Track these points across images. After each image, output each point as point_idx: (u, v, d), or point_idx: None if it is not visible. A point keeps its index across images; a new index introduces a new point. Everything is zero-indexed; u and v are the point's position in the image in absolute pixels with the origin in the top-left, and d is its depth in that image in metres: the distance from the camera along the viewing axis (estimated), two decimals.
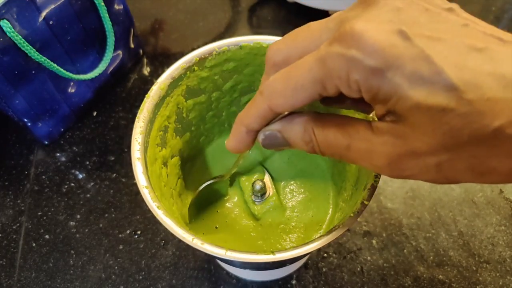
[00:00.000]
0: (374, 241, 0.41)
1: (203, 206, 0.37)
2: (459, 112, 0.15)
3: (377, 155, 0.18)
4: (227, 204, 0.38)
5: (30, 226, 0.43)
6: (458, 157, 0.17)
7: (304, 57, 0.19)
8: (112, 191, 0.45)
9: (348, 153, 0.19)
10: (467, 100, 0.15)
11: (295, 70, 0.19)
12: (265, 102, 0.20)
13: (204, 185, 0.36)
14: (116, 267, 0.40)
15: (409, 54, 0.16)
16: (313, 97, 0.19)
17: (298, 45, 0.20)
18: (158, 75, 0.32)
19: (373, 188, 0.27)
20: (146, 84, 0.53)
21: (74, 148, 0.48)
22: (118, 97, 0.52)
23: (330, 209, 0.37)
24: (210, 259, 0.41)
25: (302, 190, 0.38)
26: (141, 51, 0.55)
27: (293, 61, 0.20)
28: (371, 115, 0.27)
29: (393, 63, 0.16)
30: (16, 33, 0.37)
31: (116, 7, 0.47)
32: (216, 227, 0.37)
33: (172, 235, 0.25)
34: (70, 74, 0.43)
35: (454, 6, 0.18)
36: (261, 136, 0.22)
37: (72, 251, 0.41)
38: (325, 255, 0.40)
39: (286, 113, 0.21)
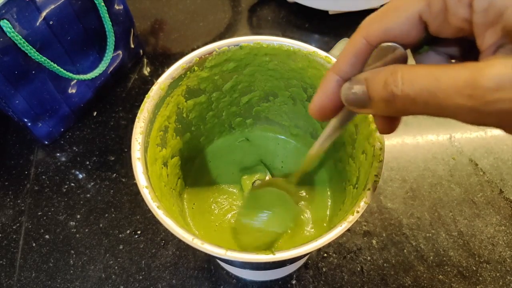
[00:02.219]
0: (374, 241, 0.41)
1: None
2: None
3: (484, 79, 0.14)
4: (227, 202, 0.38)
5: (30, 226, 0.43)
6: None
7: None
8: (112, 191, 0.45)
9: (439, 86, 0.15)
10: None
11: None
12: (360, 34, 0.18)
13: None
14: (116, 267, 0.40)
15: None
16: (412, 19, 0.17)
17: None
18: (158, 75, 0.32)
19: (373, 188, 0.27)
20: (146, 84, 0.53)
21: (74, 148, 0.48)
22: (118, 97, 0.52)
23: (330, 209, 0.37)
24: (210, 259, 0.41)
25: (303, 191, 0.38)
26: (141, 51, 0.55)
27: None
28: None
29: None
30: (16, 33, 0.37)
31: (116, 7, 0.47)
32: (216, 225, 0.37)
33: (172, 235, 0.25)
34: (70, 74, 0.43)
35: None
36: (345, 85, 0.20)
37: (72, 251, 0.41)
38: (325, 255, 0.40)
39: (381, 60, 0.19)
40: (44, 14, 0.39)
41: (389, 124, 0.21)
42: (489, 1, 0.15)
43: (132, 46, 0.53)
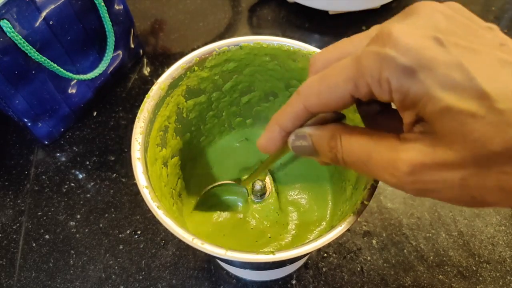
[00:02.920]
0: (374, 241, 0.41)
1: (209, 205, 0.38)
2: (490, 120, 0.15)
3: (400, 164, 0.17)
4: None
5: (30, 226, 0.43)
6: (486, 171, 0.16)
7: (342, 60, 0.19)
8: (112, 191, 0.45)
9: (369, 162, 0.19)
10: (498, 110, 0.15)
11: (332, 70, 0.19)
12: (300, 101, 0.21)
13: (212, 186, 0.37)
14: (116, 267, 0.40)
15: (442, 59, 0.16)
16: (345, 97, 0.19)
17: (338, 51, 0.21)
18: (158, 75, 0.32)
19: (373, 188, 0.27)
20: (146, 84, 0.53)
21: (74, 148, 0.48)
22: (118, 97, 0.52)
23: (330, 210, 0.37)
24: (210, 259, 0.41)
25: (302, 191, 0.38)
26: (141, 51, 0.55)
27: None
28: None
29: (425, 65, 0.16)
30: (16, 33, 0.37)
31: (116, 7, 0.47)
32: (216, 225, 0.37)
33: (172, 235, 0.25)
34: (70, 74, 0.43)
35: (494, 26, 0.18)
36: (291, 137, 0.22)
37: (72, 251, 0.41)
38: (325, 255, 0.40)
39: (320, 118, 0.22)
40: (44, 14, 0.39)
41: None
42: (404, 93, 0.17)
43: (132, 46, 0.53)
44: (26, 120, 0.44)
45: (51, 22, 0.40)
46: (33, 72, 0.41)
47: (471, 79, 0.15)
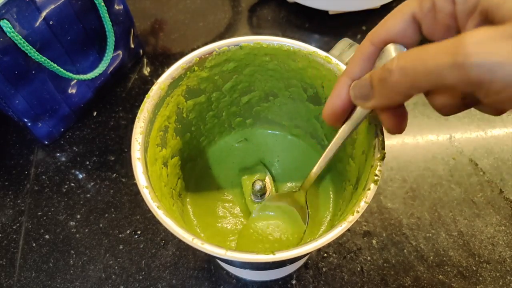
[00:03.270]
0: (374, 241, 0.41)
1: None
2: None
3: (467, 37, 0.16)
4: (226, 202, 0.38)
5: (30, 226, 0.43)
6: None
7: None
8: (112, 191, 0.45)
9: (428, 55, 0.17)
10: None
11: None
12: (367, 39, 0.21)
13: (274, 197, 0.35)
14: (116, 267, 0.40)
15: None
16: (407, 19, 0.19)
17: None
18: (158, 75, 0.32)
19: (373, 188, 0.27)
20: (146, 84, 0.53)
21: (74, 148, 0.48)
22: (118, 97, 0.52)
23: (330, 210, 0.37)
24: (210, 259, 0.41)
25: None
26: (141, 51, 0.55)
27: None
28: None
29: None
30: (16, 33, 0.37)
31: (116, 7, 0.47)
32: (216, 225, 0.37)
33: (172, 235, 0.25)
34: (70, 74, 0.43)
35: None
36: (354, 83, 0.22)
37: (72, 251, 0.41)
38: (325, 255, 0.40)
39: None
40: (44, 14, 0.39)
41: (397, 121, 0.23)
42: None
43: (132, 46, 0.53)
44: (26, 120, 0.44)
45: (51, 22, 0.40)
46: (33, 72, 0.41)
47: None
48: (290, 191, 0.37)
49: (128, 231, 0.42)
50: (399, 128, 0.23)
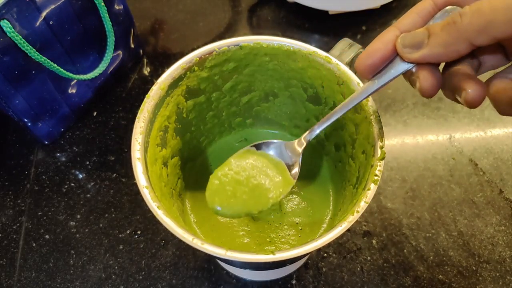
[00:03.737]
0: (374, 241, 0.41)
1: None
2: None
3: None
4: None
5: (30, 226, 0.43)
6: None
7: None
8: (112, 191, 0.45)
9: None
10: None
11: None
12: None
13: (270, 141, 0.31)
14: (116, 267, 0.40)
15: None
16: None
17: None
18: (158, 75, 0.32)
19: (373, 188, 0.27)
20: (146, 84, 0.53)
21: (74, 148, 0.48)
22: (118, 97, 0.52)
23: (330, 209, 0.37)
24: (210, 259, 0.41)
25: (303, 191, 0.38)
26: (141, 51, 0.55)
27: None
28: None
29: None
30: (16, 33, 0.37)
31: (116, 7, 0.47)
32: (216, 225, 0.37)
33: (172, 235, 0.25)
34: (70, 74, 0.43)
35: None
36: (404, 34, 0.21)
37: (72, 251, 0.41)
38: (325, 255, 0.40)
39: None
40: (44, 14, 0.39)
41: (434, 81, 0.22)
42: None
43: (132, 46, 0.53)
44: (26, 120, 0.44)
45: (51, 22, 0.40)
46: (33, 72, 0.41)
47: None
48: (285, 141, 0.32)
49: (128, 231, 0.42)
50: (434, 89, 0.22)
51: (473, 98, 0.21)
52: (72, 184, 0.45)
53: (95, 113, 0.51)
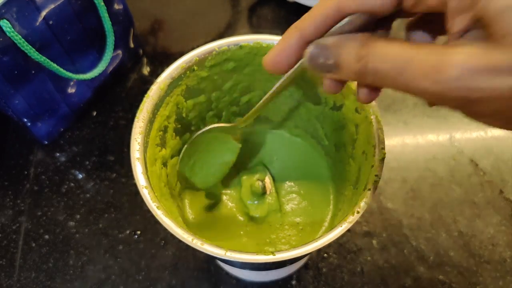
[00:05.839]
0: (374, 241, 0.41)
1: (200, 158, 0.36)
2: None
3: (449, 67, 0.15)
4: (226, 202, 0.38)
5: (29, 226, 0.43)
6: None
7: None
8: (111, 191, 0.44)
9: (407, 69, 0.16)
10: None
11: None
12: (333, 1, 0.18)
13: (211, 126, 0.33)
14: (116, 267, 0.40)
15: None
16: None
17: None
18: (158, 75, 0.32)
19: (373, 188, 0.26)
20: (146, 84, 0.53)
21: (74, 148, 0.48)
22: (118, 97, 0.52)
23: (331, 210, 0.37)
24: (210, 260, 0.40)
25: (303, 191, 0.38)
26: (141, 51, 0.55)
27: None
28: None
29: None
30: (15, 33, 0.36)
31: (116, 6, 0.47)
32: (216, 225, 0.37)
33: (172, 235, 0.25)
34: (70, 74, 0.43)
35: None
36: (310, 48, 0.19)
37: (72, 251, 0.41)
38: (325, 255, 0.40)
39: (339, 29, 0.19)
40: (44, 14, 0.39)
41: (369, 93, 0.21)
42: None
43: (132, 45, 0.53)
44: (25, 120, 0.44)
45: (50, 22, 0.40)
46: (33, 72, 0.41)
47: None
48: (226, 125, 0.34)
49: (127, 231, 0.42)
50: (368, 99, 0.21)
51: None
52: (72, 184, 0.45)
53: (94, 113, 0.50)
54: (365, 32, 0.19)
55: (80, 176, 0.46)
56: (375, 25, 0.19)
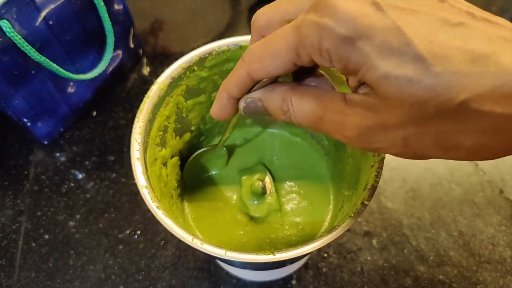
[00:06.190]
0: (374, 241, 0.41)
1: (196, 180, 0.38)
2: (426, 83, 0.15)
3: (348, 127, 0.19)
4: (226, 202, 0.38)
5: (29, 226, 0.43)
6: (425, 131, 0.17)
7: (283, 26, 0.19)
8: (111, 191, 0.45)
9: (322, 124, 0.20)
10: (434, 73, 0.15)
11: (273, 37, 0.19)
12: (244, 68, 0.21)
13: (197, 152, 0.36)
14: (116, 267, 0.40)
15: (380, 25, 0.16)
16: (287, 65, 0.19)
17: (281, 10, 0.21)
18: (158, 75, 0.32)
19: (373, 188, 0.26)
20: (145, 84, 0.53)
21: (74, 148, 0.48)
22: (118, 97, 0.52)
23: (331, 210, 0.37)
24: (210, 259, 0.40)
25: (303, 191, 0.38)
26: (141, 51, 0.55)
27: (275, 26, 0.21)
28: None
29: (363, 33, 0.16)
30: (15, 33, 0.37)
31: (116, 7, 0.47)
32: (216, 225, 0.37)
33: (172, 235, 0.25)
34: (70, 74, 0.43)
35: None
36: (242, 104, 0.23)
37: (72, 251, 0.41)
38: (325, 255, 0.40)
39: (266, 80, 0.22)
40: (43, 14, 0.39)
41: None
42: (345, 62, 0.17)
43: (132, 46, 0.53)
44: (25, 120, 0.44)
45: (50, 22, 0.40)
46: (33, 72, 0.41)
47: (408, 43, 0.16)
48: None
49: (127, 231, 0.42)
50: None
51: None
52: (72, 184, 0.45)
53: (94, 113, 0.50)
54: (287, 83, 0.21)
55: (80, 176, 0.46)
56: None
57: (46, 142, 0.48)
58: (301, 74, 0.22)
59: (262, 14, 0.22)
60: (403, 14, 0.16)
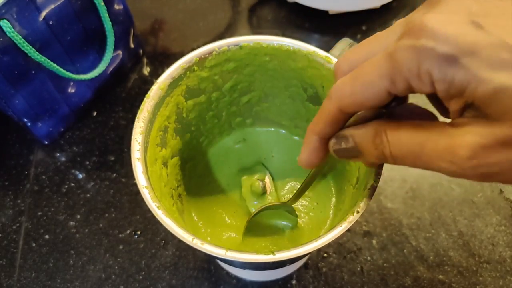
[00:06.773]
0: (374, 241, 0.41)
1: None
2: None
3: (459, 149, 0.16)
4: (226, 202, 0.38)
5: (30, 226, 0.43)
6: None
7: (373, 57, 0.18)
8: (112, 191, 0.45)
9: (423, 152, 0.18)
10: None
11: (363, 68, 0.19)
12: (334, 104, 0.20)
13: (257, 211, 0.35)
14: (116, 267, 0.40)
15: (484, 41, 0.16)
16: (381, 94, 0.18)
17: (365, 51, 0.20)
18: (158, 75, 0.32)
19: (373, 188, 0.26)
20: (146, 84, 0.53)
21: (74, 148, 0.48)
22: (118, 97, 0.52)
23: (331, 210, 0.37)
24: (210, 259, 0.41)
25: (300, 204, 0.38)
26: (141, 51, 0.55)
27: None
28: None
29: (468, 50, 0.15)
30: (16, 33, 0.37)
31: (116, 7, 0.47)
32: (216, 225, 0.37)
33: (172, 235, 0.25)
34: (70, 74, 0.43)
35: None
36: (332, 142, 0.22)
37: (72, 251, 0.41)
38: (325, 255, 0.40)
39: (359, 119, 0.21)
40: (44, 14, 0.39)
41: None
42: (449, 82, 0.16)
43: (132, 46, 0.53)
44: (25, 120, 0.44)
45: (51, 22, 0.40)
46: (33, 72, 0.41)
47: None
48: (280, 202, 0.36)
49: (128, 231, 0.42)
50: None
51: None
52: (72, 184, 0.45)
53: (95, 113, 0.50)
54: (377, 120, 0.20)
55: (80, 176, 0.46)
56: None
57: (46, 142, 0.48)
58: (393, 108, 0.21)
59: (346, 60, 0.21)
60: (505, 30, 0.16)
